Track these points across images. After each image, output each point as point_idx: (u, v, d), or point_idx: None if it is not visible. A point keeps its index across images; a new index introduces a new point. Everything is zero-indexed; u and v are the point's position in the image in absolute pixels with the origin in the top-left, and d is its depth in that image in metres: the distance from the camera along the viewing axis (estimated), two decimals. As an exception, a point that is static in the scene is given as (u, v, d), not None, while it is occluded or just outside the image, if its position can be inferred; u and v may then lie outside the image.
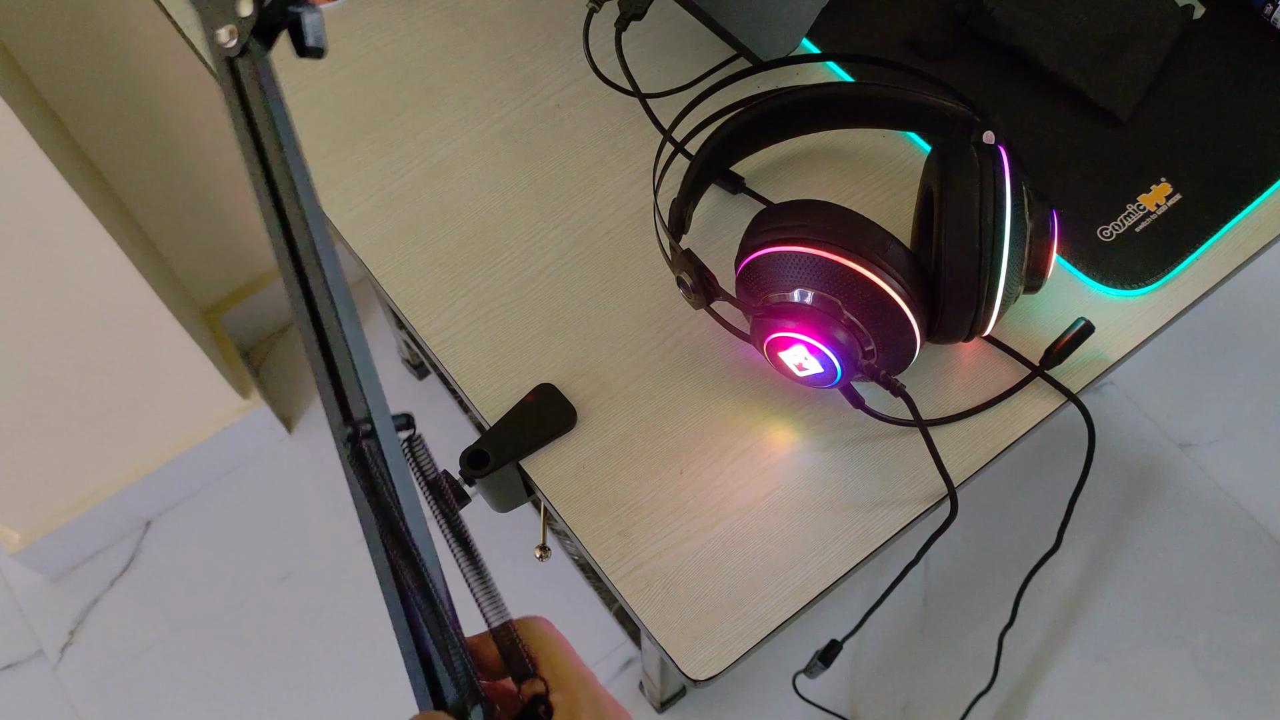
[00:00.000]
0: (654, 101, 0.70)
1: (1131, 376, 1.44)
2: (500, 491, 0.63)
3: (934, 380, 0.63)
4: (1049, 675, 1.26)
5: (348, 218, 0.68)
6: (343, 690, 1.27)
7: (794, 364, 0.58)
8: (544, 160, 0.70)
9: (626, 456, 0.61)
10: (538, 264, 0.67)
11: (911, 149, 0.70)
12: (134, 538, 1.35)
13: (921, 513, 0.59)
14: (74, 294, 1.03)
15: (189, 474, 1.34)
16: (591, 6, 0.68)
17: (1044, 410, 0.62)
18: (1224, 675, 1.26)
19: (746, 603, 0.57)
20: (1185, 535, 1.34)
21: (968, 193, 0.55)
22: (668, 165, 0.65)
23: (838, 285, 0.54)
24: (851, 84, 0.68)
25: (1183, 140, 0.69)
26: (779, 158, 0.70)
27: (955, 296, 0.56)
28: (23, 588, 1.33)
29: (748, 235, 0.57)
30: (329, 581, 1.32)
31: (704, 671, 0.56)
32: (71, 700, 1.26)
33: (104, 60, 1.02)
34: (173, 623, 1.30)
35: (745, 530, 0.59)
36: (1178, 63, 0.72)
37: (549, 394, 0.62)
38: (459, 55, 0.74)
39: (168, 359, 1.16)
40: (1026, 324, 0.64)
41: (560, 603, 1.30)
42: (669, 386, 0.63)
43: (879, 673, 1.27)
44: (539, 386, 0.62)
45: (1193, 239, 0.66)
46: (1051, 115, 0.71)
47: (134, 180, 1.15)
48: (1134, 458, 1.39)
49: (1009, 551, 1.32)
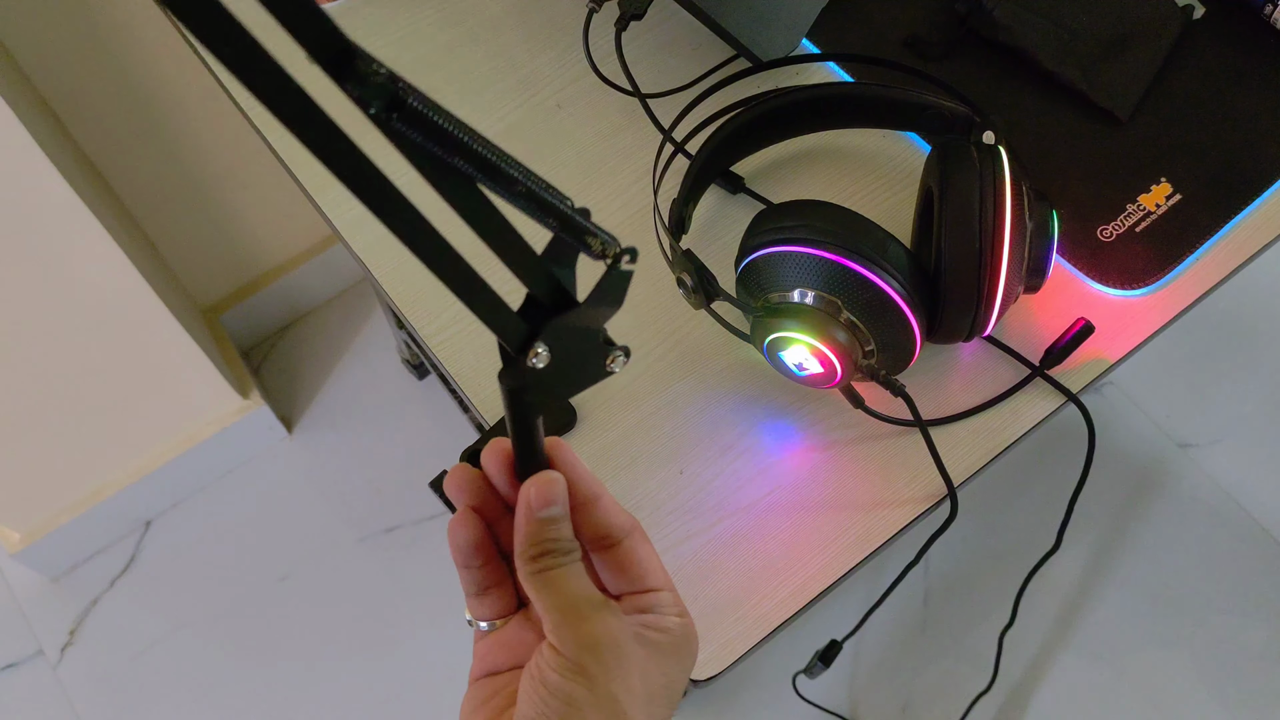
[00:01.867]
0: (654, 101, 0.70)
1: (1131, 376, 1.44)
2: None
3: (934, 380, 0.63)
4: (1049, 675, 1.26)
5: (348, 217, 0.68)
6: (342, 690, 1.27)
7: (794, 364, 0.58)
8: (544, 160, 0.70)
9: (626, 456, 0.61)
10: (538, 264, 0.67)
11: (911, 149, 0.70)
12: (134, 538, 1.35)
13: (921, 513, 0.59)
14: (74, 294, 1.03)
15: (189, 474, 1.34)
16: (591, 6, 0.68)
17: (1044, 410, 0.62)
18: (1224, 675, 1.26)
19: (746, 603, 0.57)
20: (1185, 535, 1.34)
21: (968, 193, 0.55)
22: (668, 165, 0.65)
23: (838, 285, 0.54)
24: (851, 84, 0.68)
25: (1183, 140, 0.69)
26: (779, 158, 0.70)
27: (955, 296, 0.56)
28: (23, 588, 1.33)
29: (748, 235, 0.57)
30: (329, 581, 1.32)
31: (704, 671, 0.56)
32: (71, 700, 1.26)
33: (104, 60, 1.02)
34: (173, 623, 1.30)
35: (745, 530, 0.59)
36: (1178, 63, 0.72)
37: (549, 394, 0.62)
38: (459, 55, 0.74)
39: (168, 359, 1.16)
40: (1026, 324, 0.64)
41: (560, 603, 1.30)
42: (669, 386, 0.63)
43: (879, 673, 1.27)
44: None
45: (1193, 239, 0.66)
46: (1051, 115, 0.71)
47: (134, 180, 1.15)
48: (1134, 458, 1.39)
49: (1009, 551, 1.32)
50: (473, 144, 0.30)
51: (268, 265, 1.39)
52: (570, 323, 0.34)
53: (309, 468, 1.39)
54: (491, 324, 0.33)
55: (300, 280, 1.42)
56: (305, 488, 1.38)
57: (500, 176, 0.31)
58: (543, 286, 0.34)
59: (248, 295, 1.39)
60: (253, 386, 1.33)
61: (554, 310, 0.33)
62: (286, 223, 1.34)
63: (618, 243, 0.34)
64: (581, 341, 0.35)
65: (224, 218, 1.27)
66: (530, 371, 0.33)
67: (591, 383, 0.36)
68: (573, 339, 0.34)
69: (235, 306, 1.39)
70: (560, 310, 0.33)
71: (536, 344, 0.33)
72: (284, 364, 1.46)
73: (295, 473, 1.39)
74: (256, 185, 1.25)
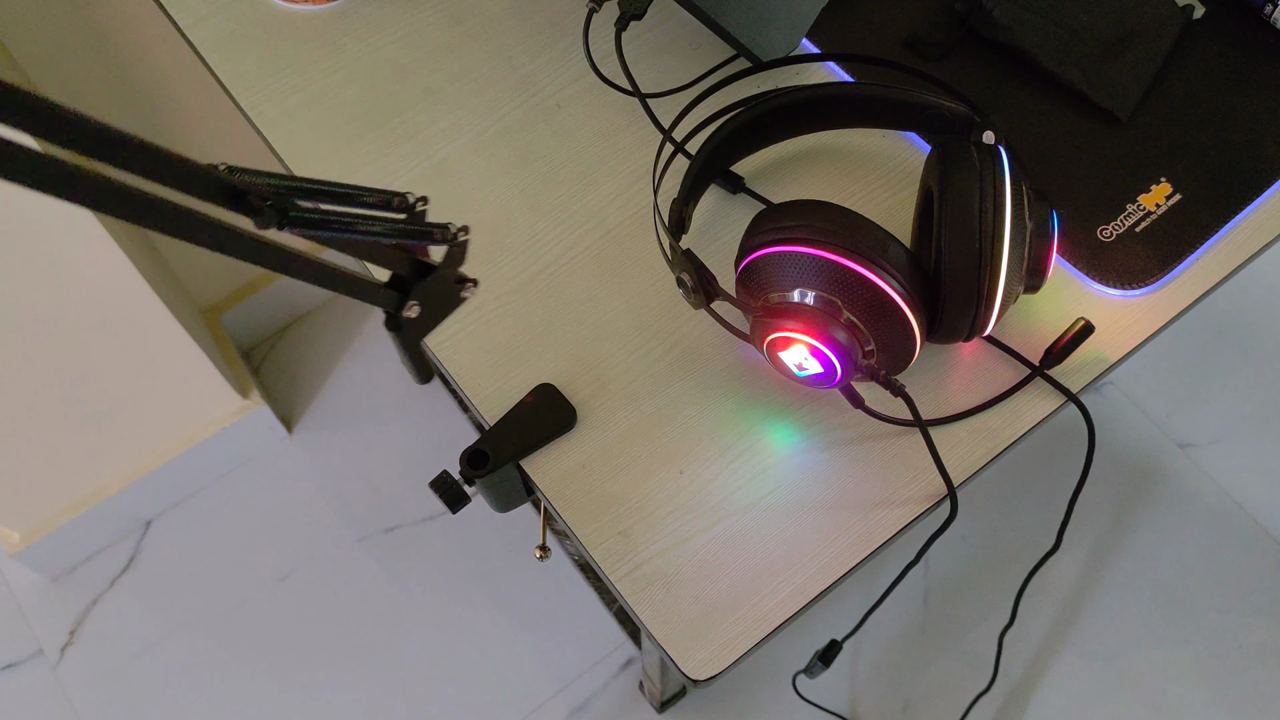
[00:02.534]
0: (654, 101, 0.70)
1: (1131, 376, 1.44)
2: (500, 491, 0.63)
3: (934, 380, 0.63)
4: (1049, 675, 1.26)
5: (348, 218, 0.68)
6: (342, 690, 1.27)
7: (794, 364, 0.58)
8: (544, 160, 0.70)
9: (626, 456, 0.61)
10: (538, 264, 0.67)
11: (911, 149, 0.70)
12: (134, 538, 1.35)
13: (921, 513, 0.59)
14: (74, 294, 1.02)
15: (189, 474, 1.34)
16: (591, 6, 0.68)
17: (1044, 410, 0.62)
18: (1224, 675, 1.26)
19: (746, 603, 0.57)
20: (1185, 535, 1.34)
21: (968, 193, 0.55)
22: (668, 165, 0.65)
23: (838, 285, 0.54)
24: (851, 84, 0.68)
25: (1183, 140, 0.69)
26: (779, 158, 0.70)
27: (955, 296, 0.56)
28: (23, 588, 1.33)
29: (748, 235, 0.57)
30: (329, 581, 1.32)
31: (704, 671, 0.56)
32: (71, 700, 1.26)
33: (103, 58, 1.02)
34: (173, 623, 1.30)
35: (745, 530, 0.59)
36: (1178, 63, 0.72)
37: (549, 394, 0.62)
38: (459, 55, 0.74)
39: (168, 359, 1.16)
40: (1026, 324, 0.64)
41: (560, 603, 1.30)
42: (669, 386, 0.63)
43: (879, 673, 1.27)
44: (539, 386, 0.62)
45: (1193, 239, 0.66)
46: (1051, 115, 0.71)
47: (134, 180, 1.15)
48: (1134, 458, 1.39)
49: (1009, 551, 1.32)
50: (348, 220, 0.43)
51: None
52: (430, 284, 0.48)
53: (309, 468, 1.39)
54: (370, 299, 0.47)
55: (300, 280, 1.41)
56: (305, 488, 1.38)
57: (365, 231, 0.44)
58: (405, 268, 0.48)
59: (248, 295, 1.39)
60: (253, 386, 1.33)
61: (416, 277, 0.48)
62: (286, 223, 1.34)
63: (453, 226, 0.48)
64: (440, 286, 0.49)
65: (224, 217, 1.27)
66: (408, 320, 0.49)
67: (452, 310, 0.51)
68: (433, 289, 0.49)
69: (235, 306, 1.39)
70: (421, 277, 0.48)
71: (410, 303, 0.48)
72: (284, 364, 1.46)
73: (295, 473, 1.39)
74: (256, 185, 1.25)
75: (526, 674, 1.27)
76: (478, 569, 1.32)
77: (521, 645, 1.28)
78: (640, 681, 1.26)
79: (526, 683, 1.26)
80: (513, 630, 1.29)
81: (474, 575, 1.32)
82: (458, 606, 1.30)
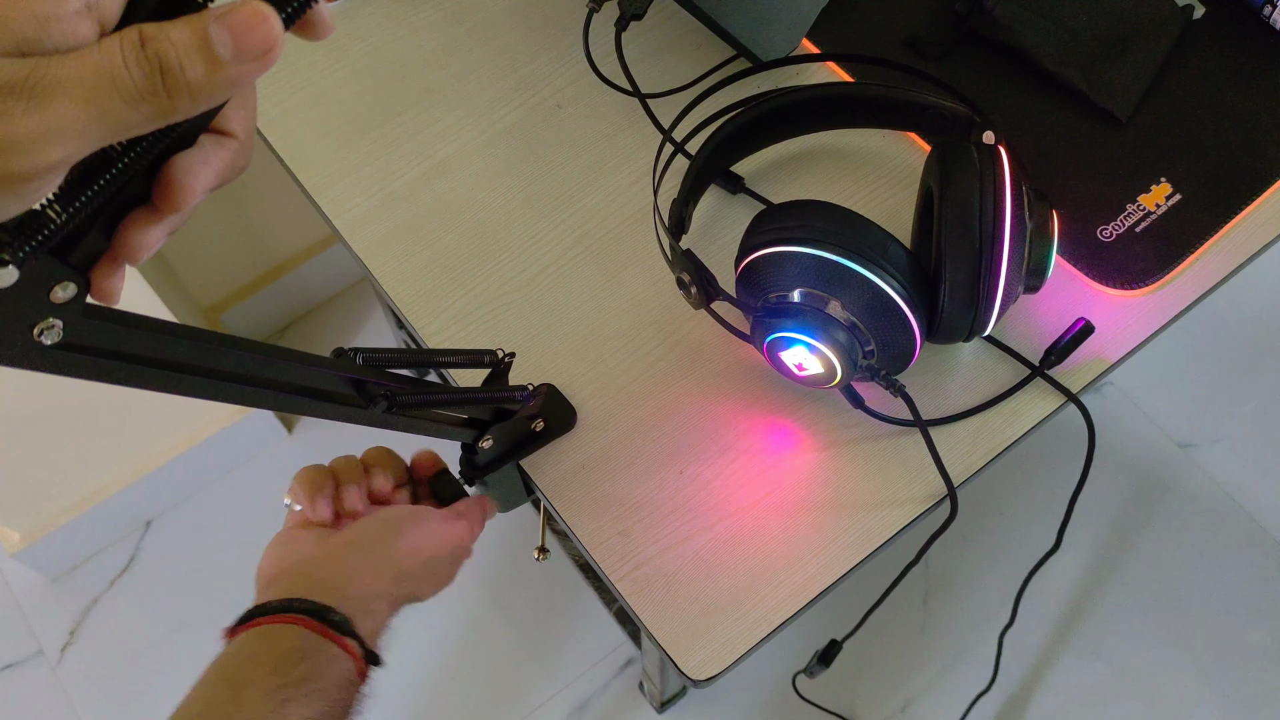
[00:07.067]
0: (654, 101, 0.70)
1: (1131, 376, 1.44)
2: (500, 491, 0.63)
3: (934, 380, 0.63)
4: (1049, 675, 1.26)
5: (347, 217, 0.68)
6: (343, 690, 1.26)
7: (794, 364, 0.58)
8: (544, 160, 0.70)
9: (626, 456, 0.61)
10: (538, 264, 0.67)
11: (911, 149, 0.70)
12: (134, 538, 1.35)
13: (921, 513, 0.59)
14: (74, 294, 1.02)
15: (189, 474, 1.34)
16: (591, 6, 0.68)
17: (1044, 410, 0.62)
18: (1224, 675, 1.26)
19: (746, 602, 0.57)
20: (1185, 535, 1.34)
21: (968, 193, 0.55)
22: (668, 165, 0.65)
23: (838, 285, 0.54)
24: (851, 84, 0.68)
25: (1183, 140, 0.69)
26: (779, 158, 0.70)
27: (955, 296, 0.56)
28: (23, 588, 1.33)
29: (747, 235, 0.57)
30: (329, 581, 1.32)
31: (704, 671, 0.56)
32: (71, 700, 1.26)
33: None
34: (173, 623, 1.30)
35: (745, 530, 0.59)
36: (1177, 63, 0.72)
37: (549, 394, 0.62)
38: (459, 55, 0.74)
39: (168, 359, 1.16)
40: (1026, 324, 0.64)
41: (560, 603, 1.30)
42: (669, 386, 0.63)
43: (879, 673, 1.27)
44: (539, 386, 0.62)
45: (1193, 239, 0.66)
46: (1051, 115, 0.71)
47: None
48: (1134, 458, 1.39)
49: (1009, 551, 1.32)
50: (442, 402, 0.53)
51: (268, 265, 1.39)
52: (504, 425, 0.57)
53: (309, 468, 1.39)
54: (455, 438, 0.57)
55: (300, 280, 1.42)
56: (305, 488, 1.38)
57: (460, 407, 0.55)
58: (489, 417, 0.57)
59: (248, 294, 1.39)
60: (253, 386, 1.33)
61: (493, 422, 0.57)
62: (287, 222, 1.34)
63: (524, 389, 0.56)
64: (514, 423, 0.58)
65: (224, 218, 1.27)
66: (482, 451, 0.58)
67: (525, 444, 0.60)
68: (507, 426, 0.57)
69: (236, 306, 1.39)
70: (497, 421, 0.57)
71: (485, 438, 0.57)
72: (284, 364, 1.46)
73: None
74: (257, 185, 1.25)
75: (526, 674, 1.27)
76: (478, 569, 1.32)
77: (521, 645, 1.28)
78: (640, 681, 1.26)
79: (526, 683, 1.26)
80: (512, 630, 1.29)
81: (474, 575, 1.32)
82: (458, 606, 1.30)
